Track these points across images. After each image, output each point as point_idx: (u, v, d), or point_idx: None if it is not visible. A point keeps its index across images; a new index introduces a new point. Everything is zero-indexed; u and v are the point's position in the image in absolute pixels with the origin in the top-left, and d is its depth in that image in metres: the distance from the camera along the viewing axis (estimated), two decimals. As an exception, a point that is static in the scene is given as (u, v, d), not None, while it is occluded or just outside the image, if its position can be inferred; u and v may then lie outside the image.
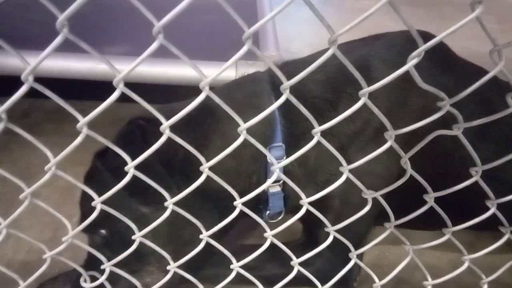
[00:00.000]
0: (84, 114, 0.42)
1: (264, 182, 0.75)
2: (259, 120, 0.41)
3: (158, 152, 0.44)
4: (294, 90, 0.41)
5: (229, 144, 0.43)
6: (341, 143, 0.75)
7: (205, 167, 0.48)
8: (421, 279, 0.67)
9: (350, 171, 0.49)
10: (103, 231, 0.68)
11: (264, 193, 0.77)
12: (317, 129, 0.44)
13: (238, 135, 0.43)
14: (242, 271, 0.59)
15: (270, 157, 0.50)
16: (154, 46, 0.38)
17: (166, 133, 0.44)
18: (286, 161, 0.50)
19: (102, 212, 0.50)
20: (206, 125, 0.72)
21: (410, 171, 0.49)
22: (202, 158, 0.47)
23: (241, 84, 0.81)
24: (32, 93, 0.42)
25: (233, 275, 0.59)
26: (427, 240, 0.61)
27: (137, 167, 0.45)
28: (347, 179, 0.49)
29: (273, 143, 0.74)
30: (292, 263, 0.60)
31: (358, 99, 0.42)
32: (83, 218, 0.70)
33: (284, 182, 0.74)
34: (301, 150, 0.46)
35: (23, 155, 1.11)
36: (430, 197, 0.52)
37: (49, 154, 0.45)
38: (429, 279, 0.63)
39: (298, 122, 0.75)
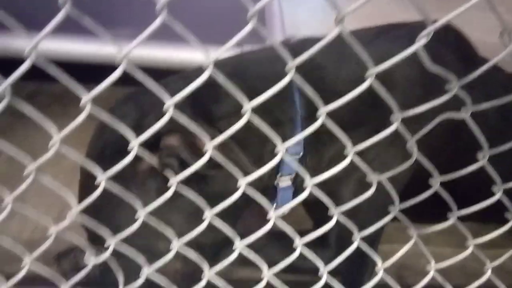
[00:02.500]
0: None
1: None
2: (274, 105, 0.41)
3: None
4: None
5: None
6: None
7: (209, 146, 0.48)
8: (425, 266, 0.66)
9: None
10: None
11: (274, 187, 0.76)
12: (323, 109, 0.44)
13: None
14: (246, 251, 0.59)
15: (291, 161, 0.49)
16: (157, 22, 0.38)
17: (170, 112, 0.44)
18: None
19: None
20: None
21: (415, 155, 0.49)
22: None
23: (257, 62, 0.75)
24: (38, 76, 0.42)
25: (236, 254, 0.58)
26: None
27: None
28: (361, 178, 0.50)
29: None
30: (296, 243, 0.58)
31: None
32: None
33: (296, 176, 0.75)
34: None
35: (27, 137, 1.11)
36: (436, 181, 0.51)
37: (53, 129, 0.45)
38: (432, 263, 0.62)
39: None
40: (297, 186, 0.76)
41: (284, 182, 0.74)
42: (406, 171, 0.70)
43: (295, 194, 0.77)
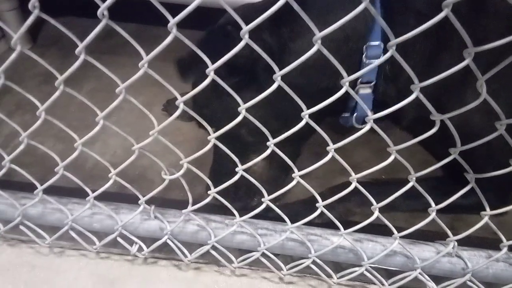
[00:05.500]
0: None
1: (355, 81, 0.74)
2: (353, 16, 0.41)
3: None
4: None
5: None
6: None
7: (277, 75, 0.51)
8: (477, 219, 0.66)
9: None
10: None
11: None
12: (392, 42, 0.45)
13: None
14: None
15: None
16: None
17: (245, 39, 0.47)
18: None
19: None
20: (292, 19, 0.69)
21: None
22: (275, 67, 0.50)
23: None
24: (111, 17, 0.47)
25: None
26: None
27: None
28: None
29: (371, 41, 0.72)
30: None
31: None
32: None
33: (375, 85, 0.76)
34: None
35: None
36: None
37: (142, 52, 0.50)
38: (487, 209, 0.63)
39: (402, 17, 0.71)
40: (379, 95, 0.77)
41: (364, 89, 0.75)
42: None
43: (376, 103, 0.77)
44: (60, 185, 0.73)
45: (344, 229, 0.71)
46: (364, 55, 0.73)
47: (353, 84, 0.76)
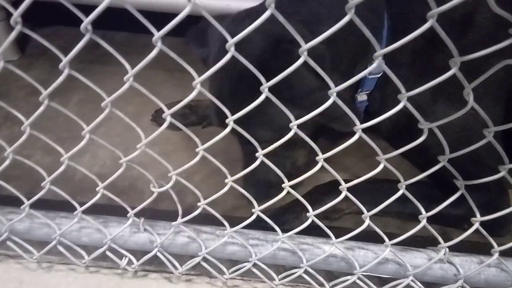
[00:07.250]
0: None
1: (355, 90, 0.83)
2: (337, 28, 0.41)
3: None
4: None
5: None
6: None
7: (264, 87, 0.50)
8: None
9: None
10: None
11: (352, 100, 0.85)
12: (378, 52, 0.45)
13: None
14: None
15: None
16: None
17: (231, 51, 0.47)
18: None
19: None
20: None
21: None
22: (262, 79, 0.50)
23: None
24: (102, 25, 0.46)
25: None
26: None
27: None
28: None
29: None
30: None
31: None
32: None
33: (371, 93, 0.84)
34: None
35: (95, 82, 1.20)
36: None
37: (127, 65, 0.50)
38: (478, 215, 0.63)
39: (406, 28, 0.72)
40: (371, 100, 0.86)
41: (362, 96, 0.85)
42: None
43: (367, 107, 0.87)
44: (48, 199, 0.72)
45: (335, 236, 0.70)
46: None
47: (353, 93, 0.84)
